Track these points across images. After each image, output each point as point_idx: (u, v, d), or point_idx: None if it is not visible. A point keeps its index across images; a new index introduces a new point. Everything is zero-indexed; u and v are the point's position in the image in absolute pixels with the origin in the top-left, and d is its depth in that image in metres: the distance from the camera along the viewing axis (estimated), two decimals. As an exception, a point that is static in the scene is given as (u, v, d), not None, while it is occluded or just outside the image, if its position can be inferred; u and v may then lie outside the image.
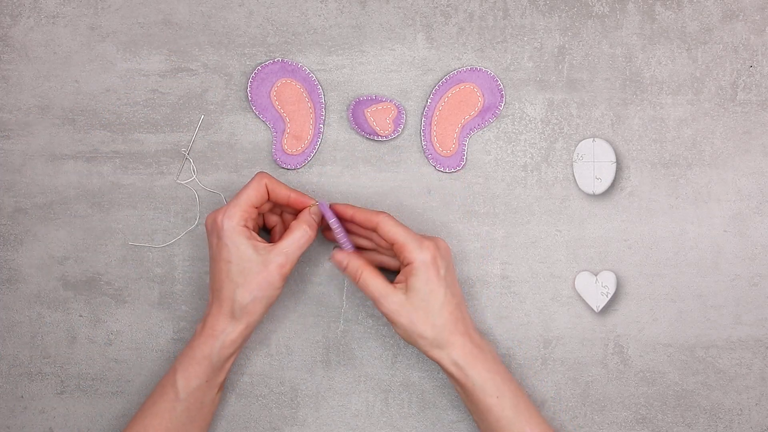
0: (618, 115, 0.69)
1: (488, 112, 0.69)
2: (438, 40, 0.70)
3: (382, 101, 0.69)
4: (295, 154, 0.70)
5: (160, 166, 0.70)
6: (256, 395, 0.70)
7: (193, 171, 0.70)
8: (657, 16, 0.69)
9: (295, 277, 0.70)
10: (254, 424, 0.70)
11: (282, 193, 0.65)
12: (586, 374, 0.69)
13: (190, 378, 0.63)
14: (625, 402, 0.69)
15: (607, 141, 0.69)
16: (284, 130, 0.70)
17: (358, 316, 0.70)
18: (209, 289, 0.65)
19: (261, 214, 0.67)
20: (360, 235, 0.67)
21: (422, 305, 0.62)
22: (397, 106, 0.69)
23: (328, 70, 0.70)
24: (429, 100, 0.69)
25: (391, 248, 0.64)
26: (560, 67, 0.69)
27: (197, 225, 0.70)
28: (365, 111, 0.69)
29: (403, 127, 0.70)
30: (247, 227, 0.63)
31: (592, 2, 0.69)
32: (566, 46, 0.69)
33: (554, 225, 0.69)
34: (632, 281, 0.69)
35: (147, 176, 0.70)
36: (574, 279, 0.69)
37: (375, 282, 0.63)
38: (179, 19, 0.70)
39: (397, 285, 0.63)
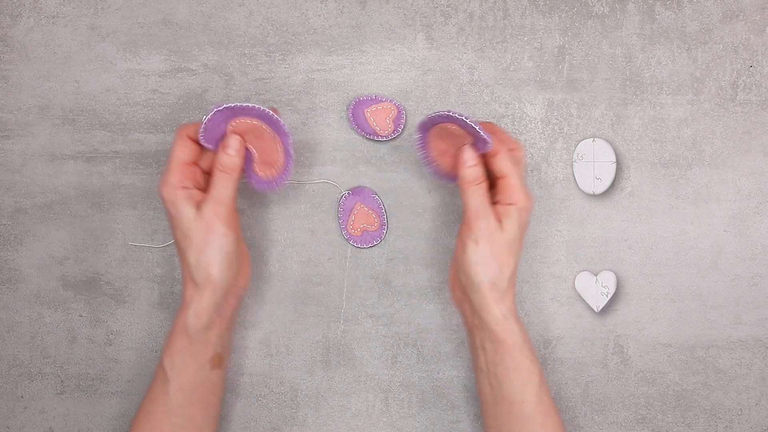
0: (618, 115, 0.69)
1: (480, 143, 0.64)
2: (438, 40, 0.70)
3: (382, 101, 0.69)
4: (269, 179, 0.65)
5: (160, 166, 0.70)
6: (256, 395, 0.70)
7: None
8: (657, 16, 0.69)
9: (295, 277, 0.70)
10: (254, 424, 0.70)
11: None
12: (586, 374, 0.69)
13: (173, 355, 0.61)
14: (625, 402, 0.69)
15: (607, 141, 0.69)
16: (252, 159, 0.64)
17: (358, 316, 0.70)
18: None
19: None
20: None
21: (503, 247, 0.60)
22: (397, 106, 0.69)
23: (328, 70, 0.70)
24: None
25: (495, 179, 0.61)
26: (560, 67, 0.69)
27: (197, 225, 0.70)
28: (365, 111, 0.69)
29: (403, 127, 0.70)
30: (186, 188, 0.60)
31: (592, 2, 0.69)
32: (566, 46, 0.69)
33: (554, 225, 0.69)
34: (632, 281, 0.69)
35: (147, 176, 0.70)
36: (574, 279, 0.69)
37: (481, 199, 0.60)
38: (179, 19, 0.70)
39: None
